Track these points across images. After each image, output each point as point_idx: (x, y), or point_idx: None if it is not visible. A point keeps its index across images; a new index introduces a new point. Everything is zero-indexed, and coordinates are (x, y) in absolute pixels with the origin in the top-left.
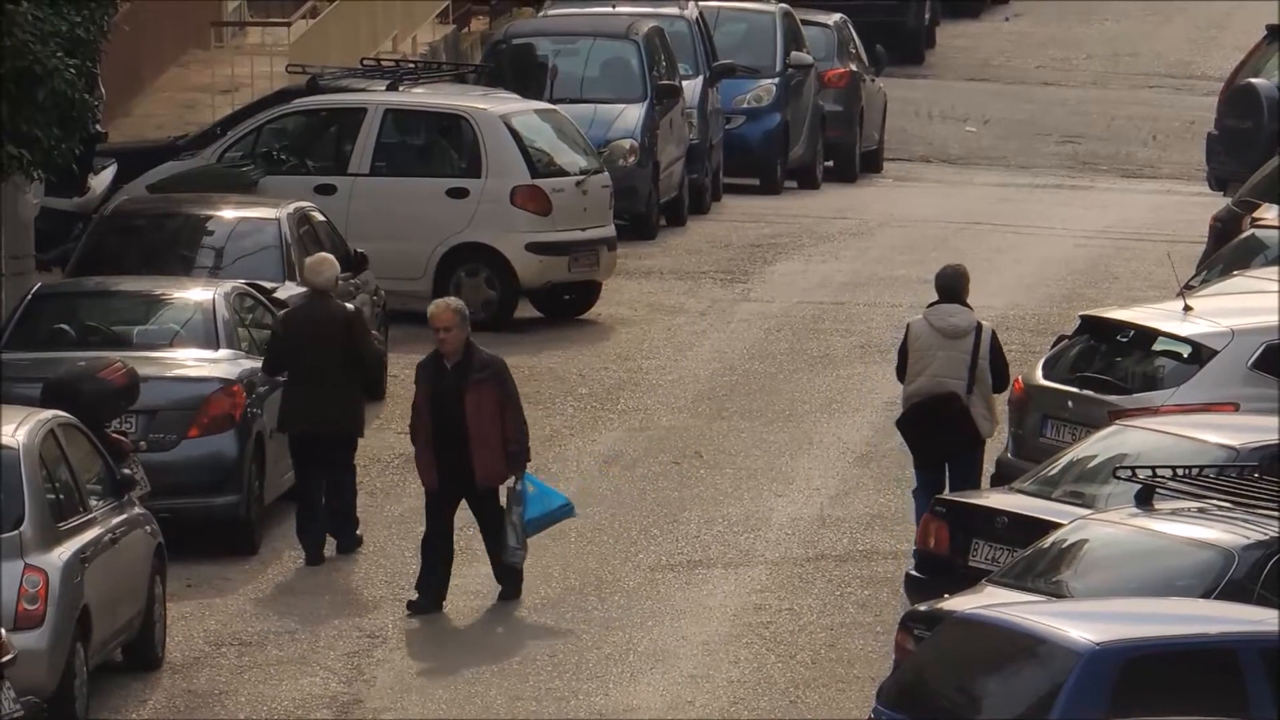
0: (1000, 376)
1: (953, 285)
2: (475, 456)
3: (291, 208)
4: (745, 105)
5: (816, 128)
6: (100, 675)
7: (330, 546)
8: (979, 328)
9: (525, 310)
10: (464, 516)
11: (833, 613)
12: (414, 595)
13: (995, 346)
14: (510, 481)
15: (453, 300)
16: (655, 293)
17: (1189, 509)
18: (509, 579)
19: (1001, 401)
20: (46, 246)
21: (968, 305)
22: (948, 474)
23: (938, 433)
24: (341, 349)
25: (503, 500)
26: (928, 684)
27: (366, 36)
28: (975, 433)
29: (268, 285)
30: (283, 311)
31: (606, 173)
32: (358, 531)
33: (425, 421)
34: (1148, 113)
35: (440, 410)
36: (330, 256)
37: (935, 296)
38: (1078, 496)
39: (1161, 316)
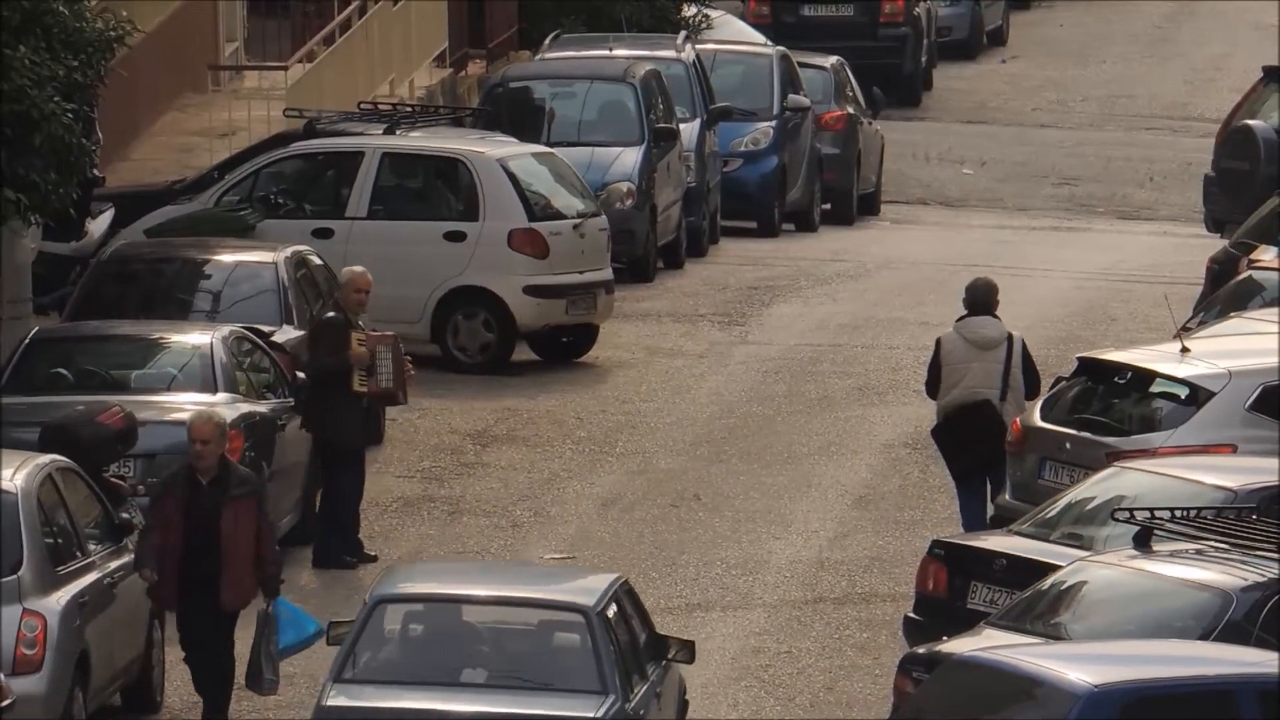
0: (1033, 383)
1: (983, 298)
2: (225, 576)
3: (289, 252)
4: (743, 148)
5: (814, 170)
6: None
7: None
8: (1010, 338)
9: (523, 353)
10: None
11: (831, 655)
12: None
13: (1026, 355)
14: (264, 606)
15: (214, 413)
16: (653, 335)
17: (1187, 551)
18: None
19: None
20: (44, 291)
21: (997, 317)
22: (988, 484)
23: (973, 441)
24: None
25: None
26: None
27: (364, 80)
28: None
29: (265, 329)
30: None
31: (604, 216)
32: (348, 556)
33: (176, 538)
34: (1145, 154)
35: (193, 527)
36: (360, 269)
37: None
38: (1076, 538)
39: (1159, 358)
